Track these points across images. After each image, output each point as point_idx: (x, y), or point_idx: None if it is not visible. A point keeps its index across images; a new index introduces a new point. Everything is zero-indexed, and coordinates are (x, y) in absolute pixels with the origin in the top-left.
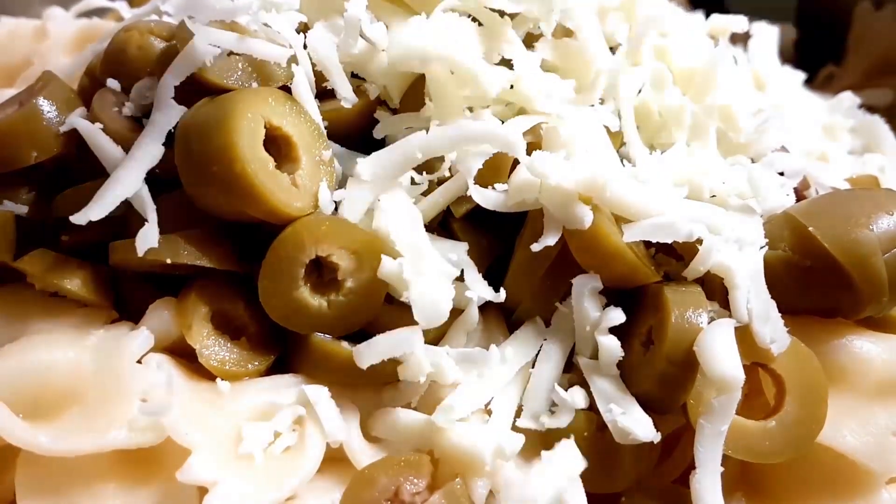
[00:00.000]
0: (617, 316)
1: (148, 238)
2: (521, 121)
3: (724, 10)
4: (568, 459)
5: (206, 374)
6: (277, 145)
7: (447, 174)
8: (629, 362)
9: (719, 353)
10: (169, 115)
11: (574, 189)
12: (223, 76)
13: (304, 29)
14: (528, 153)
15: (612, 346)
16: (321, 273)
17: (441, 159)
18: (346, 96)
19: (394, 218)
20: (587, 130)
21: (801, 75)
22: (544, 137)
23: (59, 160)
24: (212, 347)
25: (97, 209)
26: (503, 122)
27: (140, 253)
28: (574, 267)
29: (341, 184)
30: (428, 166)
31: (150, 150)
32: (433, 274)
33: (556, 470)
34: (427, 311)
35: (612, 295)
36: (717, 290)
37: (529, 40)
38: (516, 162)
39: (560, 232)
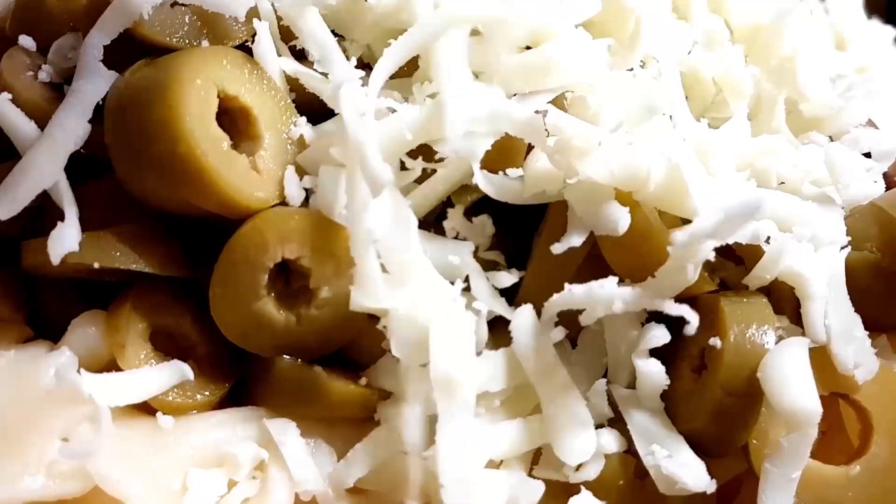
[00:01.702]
0: (660, 334)
1: (65, 238)
2: (541, 91)
3: None
4: None
5: (145, 407)
6: (233, 119)
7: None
8: (676, 392)
9: (789, 380)
10: (96, 81)
11: (608, 183)
12: (165, 32)
13: None
14: None
15: (654, 373)
16: (289, 280)
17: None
18: (320, 58)
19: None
20: (624, 102)
21: (891, 31)
22: (570, 112)
23: None
24: None
25: (7, 205)
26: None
27: (55, 259)
28: (607, 272)
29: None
30: (422, 149)
31: (72, 127)
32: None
33: None
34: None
35: None
36: (786, 302)
37: None
38: None
39: (588, 230)
